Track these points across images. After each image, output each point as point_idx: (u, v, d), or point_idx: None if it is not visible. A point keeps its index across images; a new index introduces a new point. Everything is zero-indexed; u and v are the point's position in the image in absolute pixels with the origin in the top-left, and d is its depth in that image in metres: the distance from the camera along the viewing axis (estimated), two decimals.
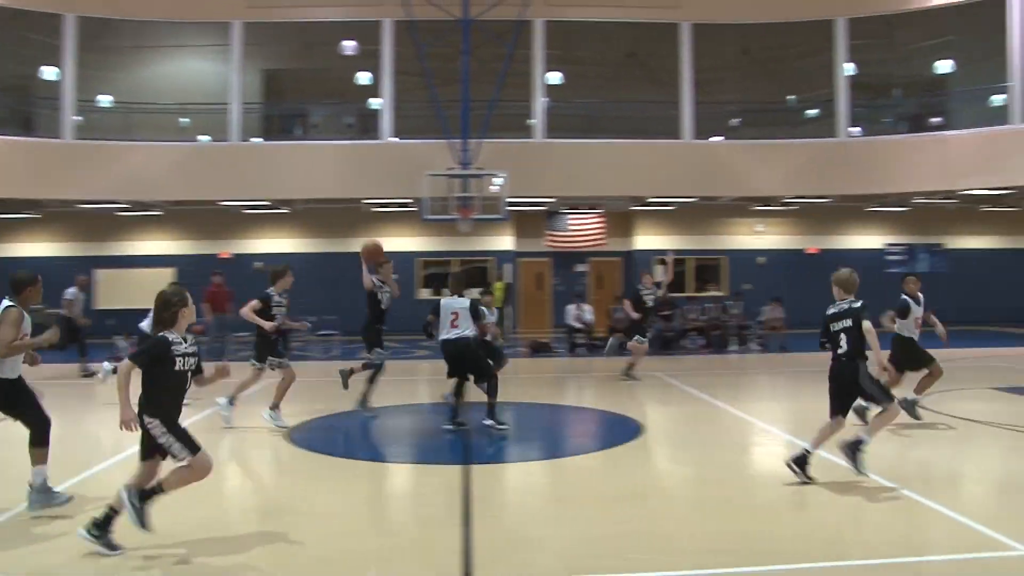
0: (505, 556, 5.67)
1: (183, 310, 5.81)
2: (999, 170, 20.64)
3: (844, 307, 7.53)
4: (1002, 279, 27.18)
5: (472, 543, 5.86)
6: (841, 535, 6.12)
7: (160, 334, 5.75)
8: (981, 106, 22.07)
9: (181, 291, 5.94)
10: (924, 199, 23.83)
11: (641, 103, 23.67)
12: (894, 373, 9.88)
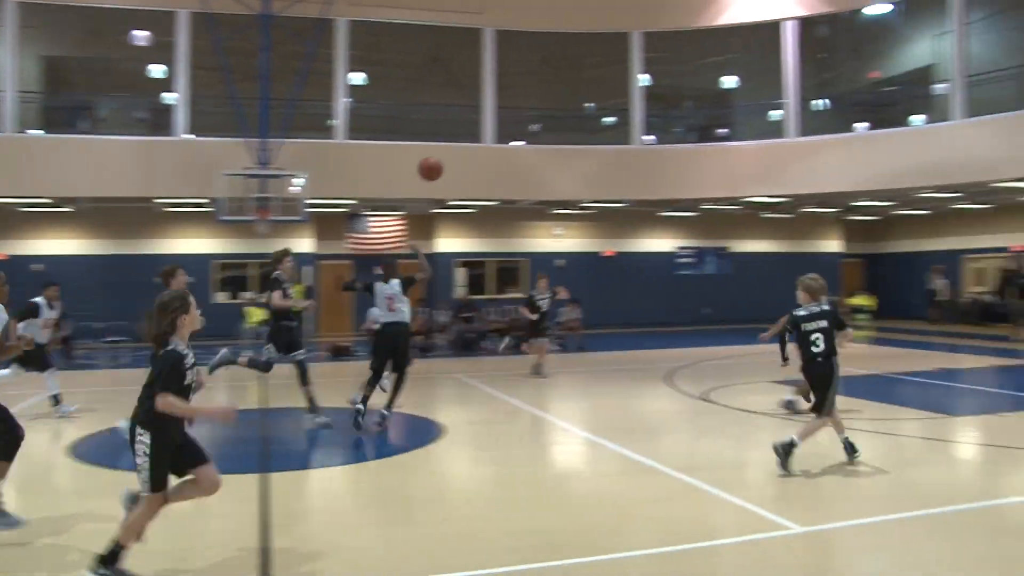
0: (305, 564, 5.52)
1: (183, 316, 5.12)
2: (777, 180, 22.22)
3: (816, 310, 7.97)
4: (780, 280, 29.23)
5: (271, 554, 5.67)
6: (636, 525, 6.36)
7: (170, 348, 5.06)
8: (761, 120, 23.67)
9: (182, 295, 5.24)
10: (712, 205, 25.29)
11: (444, 106, 23.81)
12: None
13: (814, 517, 6.26)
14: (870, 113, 23.62)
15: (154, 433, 4.99)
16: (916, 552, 5.68)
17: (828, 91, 24.54)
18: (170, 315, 5.08)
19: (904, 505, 6.71)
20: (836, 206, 27.33)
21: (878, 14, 22.29)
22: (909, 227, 31.08)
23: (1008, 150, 18.59)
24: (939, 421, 10.54)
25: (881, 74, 24.92)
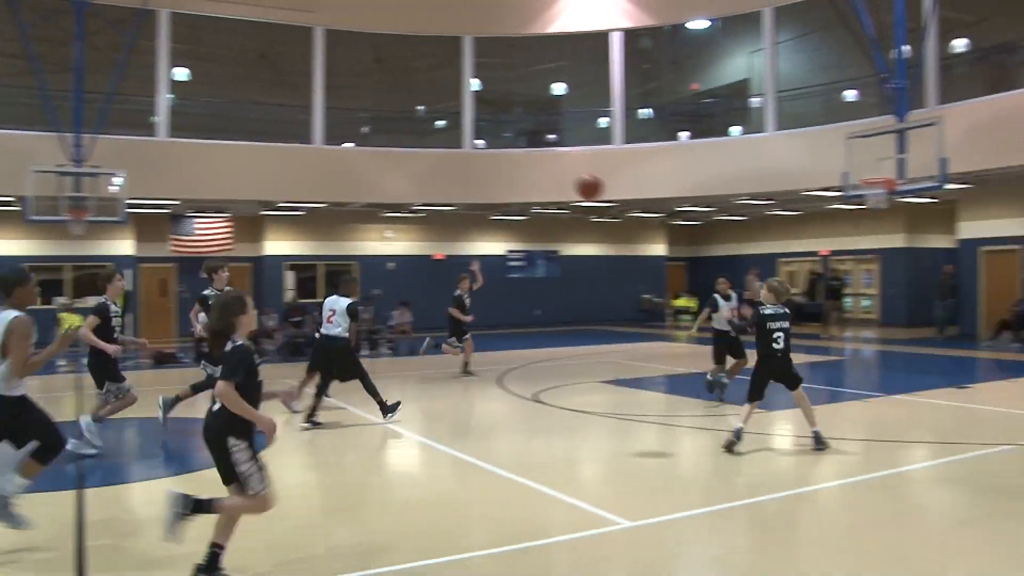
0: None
1: (242, 317, 5.09)
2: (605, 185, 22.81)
3: (780, 311, 8.73)
4: (607, 283, 30.19)
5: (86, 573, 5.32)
6: (469, 527, 6.35)
7: (239, 343, 5.07)
8: (590, 127, 24.29)
9: (241, 296, 5.23)
10: (541, 209, 25.73)
11: (272, 106, 23.19)
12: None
13: (642, 512, 6.44)
14: (691, 123, 24.68)
15: (249, 438, 5.05)
16: (737, 541, 5.94)
17: (652, 101, 25.46)
18: (231, 315, 5.08)
19: (726, 496, 7.00)
20: (661, 211, 28.41)
21: (698, 29, 23.33)
22: (728, 232, 32.67)
23: (815, 161, 19.80)
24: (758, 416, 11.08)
25: (701, 86, 26.09)
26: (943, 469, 8.06)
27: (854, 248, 27.95)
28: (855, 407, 11.78)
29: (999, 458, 8.37)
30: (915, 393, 12.29)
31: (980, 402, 11.67)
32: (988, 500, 6.92)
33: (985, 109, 17.89)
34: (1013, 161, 17.66)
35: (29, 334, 5.60)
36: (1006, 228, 21.79)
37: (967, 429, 9.83)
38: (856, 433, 9.86)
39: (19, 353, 5.53)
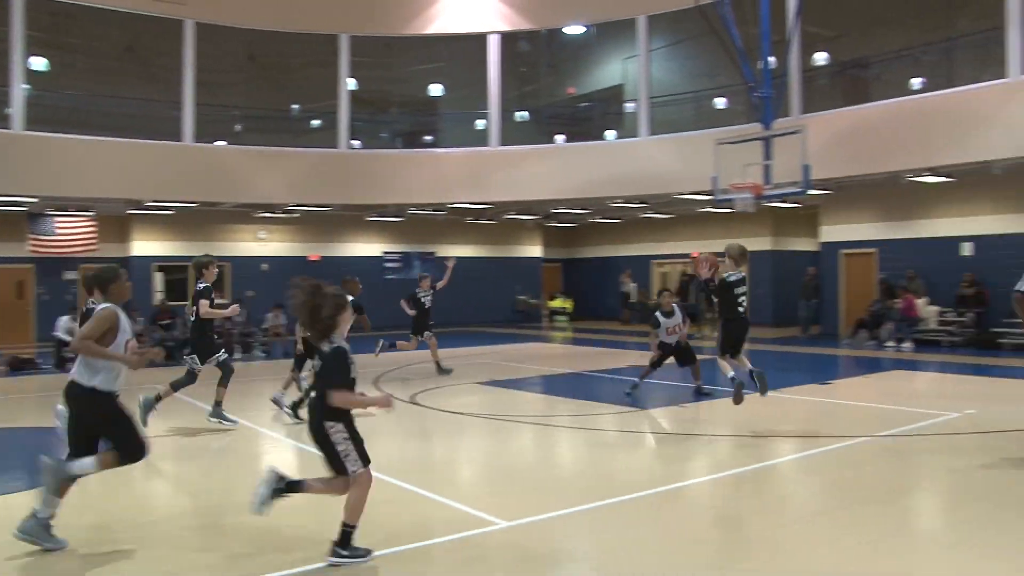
0: None
1: (343, 314, 5.38)
2: (481, 187, 22.94)
3: (743, 276, 9.54)
4: (483, 284, 30.30)
5: None
6: None
7: (336, 345, 5.36)
8: (467, 128, 24.34)
9: (341, 293, 5.43)
10: (418, 210, 25.62)
11: (139, 100, 22.35)
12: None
13: (519, 511, 6.48)
14: (567, 126, 25.06)
15: (344, 420, 5.39)
16: (613, 536, 6.05)
17: (529, 104, 25.71)
18: (336, 314, 5.32)
19: (602, 493, 7.13)
20: (537, 213, 28.69)
21: (575, 34, 23.70)
22: (603, 233, 33.28)
23: (686, 166, 20.40)
24: (632, 414, 11.33)
25: (577, 91, 26.51)
26: (806, 462, 8.41)
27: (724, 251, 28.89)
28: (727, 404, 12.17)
29: (855, 450, 8.80)
30: (782, 390, 12.79)
31: (840, 397, 12.25)
32: (845, 491, 7.27)
33: (844, 120, 18.80)
34: (869, 169, 18.62)
35: (106, 321, 5.79)
36: (864, 232, 22.95)
37: (829, 423, 10.30)
38: (728, 429, 10.19)
39: (88, 331, 5.75)
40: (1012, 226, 19.97)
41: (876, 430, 9.72)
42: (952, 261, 20.83)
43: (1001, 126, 16.43)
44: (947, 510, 6.84)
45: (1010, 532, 5.98)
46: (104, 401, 5.85)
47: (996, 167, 18.15)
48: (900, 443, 9.17)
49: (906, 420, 10.35)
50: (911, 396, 12.99)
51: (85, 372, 5.81)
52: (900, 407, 11.43)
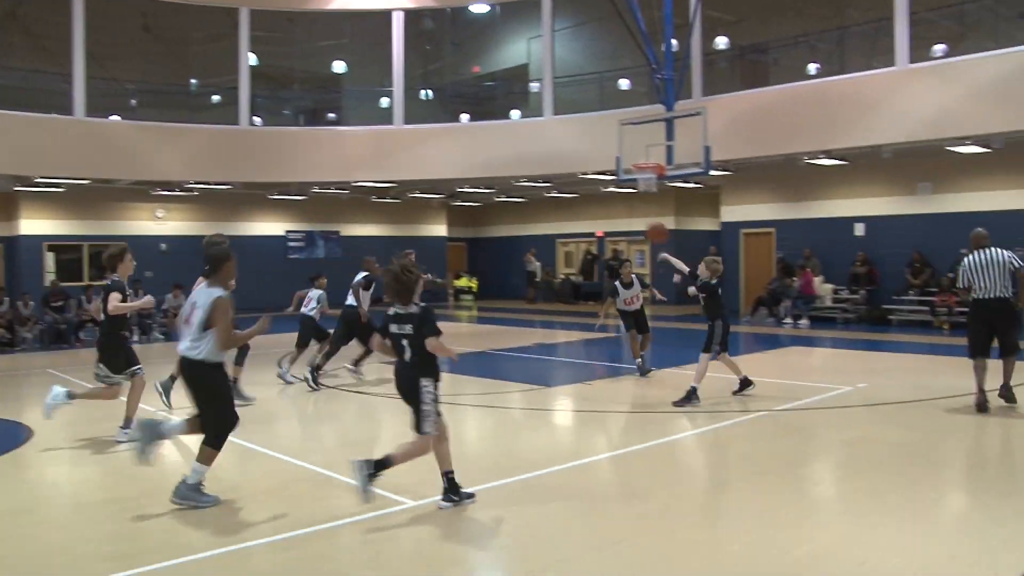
0: None
1: (421, 281, 6.17)
2: (385, 166, 22.73)
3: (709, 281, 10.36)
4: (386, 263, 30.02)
5: None
6: (253, 515, 6.17)
7: (423, 303, 6.18)
8: (371, 106, 24.05)
9: (414, 264, 6.18)
10: (322, 189, 25.25)
11: (25, 72, 21.37)
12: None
13: (427, 490, 6.49)
14: (472, 105, 24.99)
15: (436, 380, 6.20)
16: (519, 514, 6.11)
17: (434, 82, 25.55)
18: (416, 279, 6.13)
19: (508, 472, 7.19)
20: (442, 192, 28.60)
21: (480, 13, 23.60)
22: (508, 213, 33.40)
23: (590, 146, 20.59)
24: (538, 392, 11.43)
25: (482, 69, 26.45)
26: (708, 436, 8.64)
27: (628, 229, 29.31)
28: (632, 381, 12.39)
29: (755, 424, 9.08)
30: (685, 366, 13.08)
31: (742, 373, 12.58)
32: (745, 463, 7.50)
33: (743, 103, 19.24)
34: (767, 151, 19.12)
35: (229, 311, 6.23)
36: (762, 212, 23.60)
37: (729, 398, 10.59)
38: (632, 406, 10.38)
39: (223, 328, 6.19)
40: (900, 208, 20.86)
41: (775, 404, 10.04)
42: (846, 241, 21.62)
43: (890, 112, 17.08)
44: (841, 479, 7.12)
45: (898, 499, 6.26)
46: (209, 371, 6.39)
47: (886, 151, 18.87)
48: (797, 416, 9.49)
49: (803, 394, 10.72)
50: (808, 371, 13.45)
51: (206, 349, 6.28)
52: (797, 382, 11.83)
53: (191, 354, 6.29)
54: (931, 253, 19.91)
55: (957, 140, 17.10)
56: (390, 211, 30.85)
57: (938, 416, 9.37)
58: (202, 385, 6.35)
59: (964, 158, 19.04)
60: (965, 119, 16.30)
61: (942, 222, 19.89)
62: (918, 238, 20.07)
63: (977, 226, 10.18)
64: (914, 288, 19.84)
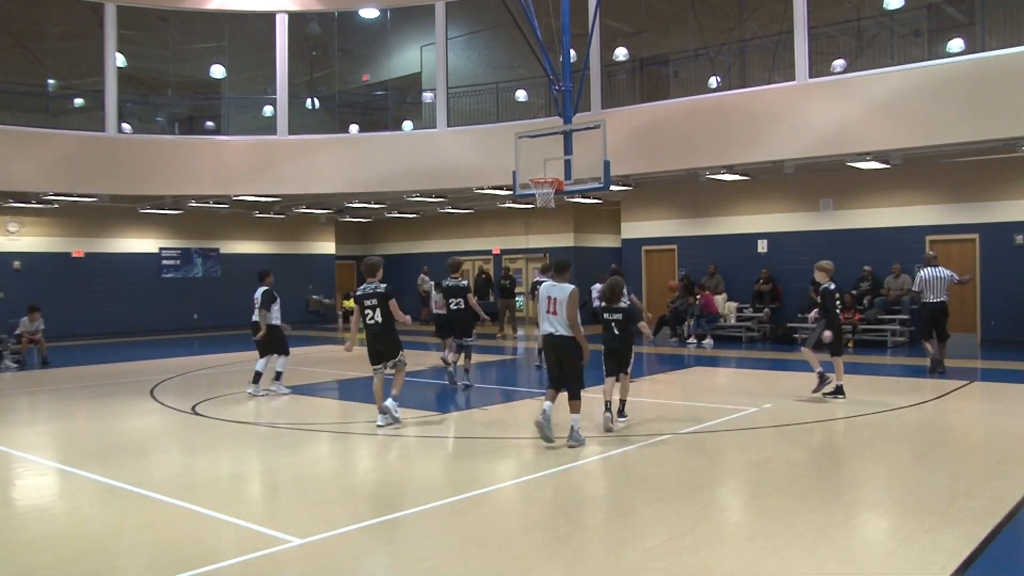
0: None
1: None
2: (268, 178, 22.35)
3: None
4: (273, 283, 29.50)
5: None
6: (121, 560, 5.93)
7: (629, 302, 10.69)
8: (253, 114, 23.65)
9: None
10: (199, 203, 24.64)
11: None
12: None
13: (314, 527, 6.36)
14: (362, 115, 24.85)
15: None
16: (413, 548, 6.04)
17: (321, 90, 25.30)
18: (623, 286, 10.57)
19: (402, 503, 7.10)
20: (329, 207, 28.29)
21: (369, 18, 23.51)
22: (401, 229, 33.27)
23: (485, 159, 20.69)
24: (432, 418, 11.34)
25: (372, 78, 26.32)
26: (610, 461, 8.71)
27: (526, 247, 29.53)
28: (529, 405, 12.42)
29: (659, 448, 9.20)
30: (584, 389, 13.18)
31: (643, 395, 12.75)
32: (649, 488, 7.58)
33: (643, 115, 19.65)
34: (668, 166, 19.56)
35: (578, 300, 9.34)
36: (664, 229, 24.10)
37: (631, 421, 10.70)
38: (531, 431, 10.40)
39: (573, 312, 9.24)
40: (803, 224, 21.62)
41: (679, 427, 10.21)
42: (749, 258, 22.27)
43: (790, 127, 17.72)
44: (747, 503, 7.26)
45: (804, 521, 6.42)
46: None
47: (787, 166, 19.53)
48: (702, 439, 9.66)
49: (708, 416, 10.93)
50: (712, 392, 13.72)
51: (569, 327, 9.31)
52: (702, 403, 12.06)
53: (564, 331, 9.29)
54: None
55: (857, 156, 17.83)
56: (274, 227, 30.35)
57: (845, 435, 9.67)
58: (568, 356, 9.30)
59: (864, 174, 19.90)
60: (864, 134, 17.03)
61: (844, 238, 20.72)
62: (820, 254, 20.62)
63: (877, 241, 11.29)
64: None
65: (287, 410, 12.41)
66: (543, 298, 9.41)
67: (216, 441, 10.12)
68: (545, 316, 9.42)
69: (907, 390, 13.17)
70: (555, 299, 9.31)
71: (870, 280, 20.17)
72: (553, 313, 9.33)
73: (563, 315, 9.24)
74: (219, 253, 29.28)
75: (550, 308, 9.34)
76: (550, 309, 9.33)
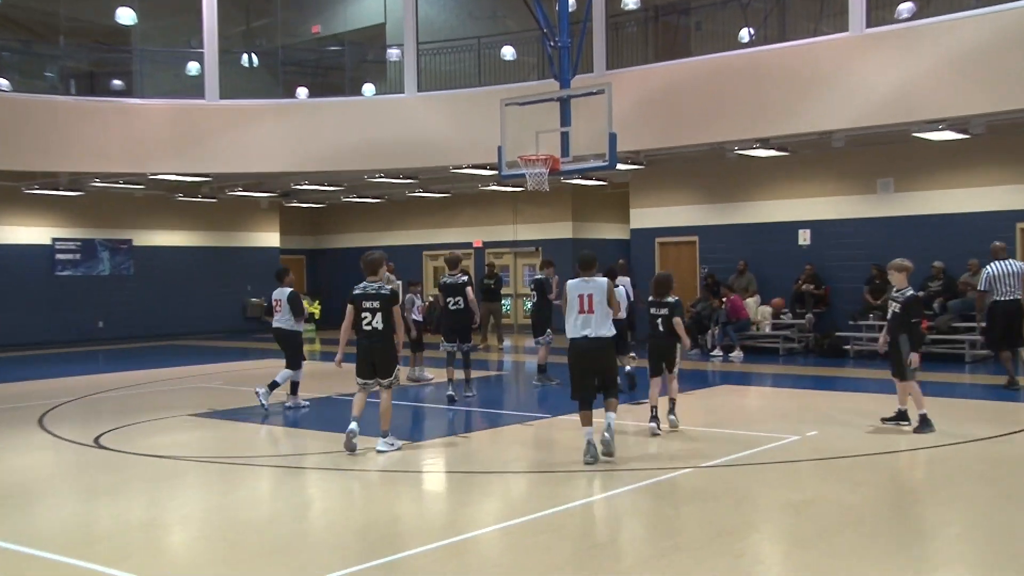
0: None
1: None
2: (195, 153, 22.20)
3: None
4: (201, 283, 29.43)
5: None
6: None
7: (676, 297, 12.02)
8: (174, 73, 23.50)
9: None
10: (105, 182, 24.46)
11: None
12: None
13: None
14: (312, 77, 24.77)
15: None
16: None
17: (260, 44, 25.22)
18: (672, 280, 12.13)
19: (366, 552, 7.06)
20: (272, 190, 28.19)
21: None
22: (361, 217, 33.21)
23: (464, 131, 20.67)
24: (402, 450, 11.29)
25: (323, 30, 26.26)
26: (617, 501, 8.67)
27: (514, 239, 29.48)
28: (519, 432, 12.38)
29: (677, 484, 9.18)
30: None
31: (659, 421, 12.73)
32: (664, 535, 7.55)
33: (658, 78, 19.62)
34: (688, 139, 19.54)
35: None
36: (682, 217, 24.08)
37: (643, 452, 10.68)
38: (521, 463, 10.37)
39: (613, 299, 10.28)
40: (855, 210, 21.50)
41: (701, 459, 10.18)
42: (788, 252, 22.24)
43: (842, 89, 17.66)
44: (785, 554, 7.23)
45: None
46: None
47: (837, 139, 19.51)
48: (730, 474, 9.64)
49: (737, 446, 10.91)
50: (742, 417, 13.69)
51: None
52: (729, 430, 12.04)
53: (604, 332, 10.04)
54: None
55: (926, 124, 17.75)
56: (202, 214, 30.20)
57: (910, 471, 9.65)
58: (609, 359, 10.33)
59: (935, 147, 19.79)
60: (936, 97, 16.91)
61: (907, 227, 20.53)
62: (878, 248, 20.59)
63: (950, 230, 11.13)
64: (874, 311, 20.32)
65: (220, 440, 12.33)
66: (572, 298, 10.07)
67: (125, 482, 10.03)
68: (577, 318, 10.05)
69: (990, 416, 13.18)
70: (590, 296, 9.99)
71: (942, 279, 19.89)
72: (589, 312, 10.00)
73: (603, 309, 10.04)
74: (131, 245, 29.08)
75: (584, 307, 10.00)
76: (584, 308, 9.99)
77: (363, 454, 10.82)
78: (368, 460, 10.66)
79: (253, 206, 31.36)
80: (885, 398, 14.80)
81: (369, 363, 10.97)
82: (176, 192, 27.38)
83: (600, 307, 10.05)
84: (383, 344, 10.92)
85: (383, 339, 10.89)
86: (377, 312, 10.82)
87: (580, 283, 10.14)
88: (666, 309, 11.68)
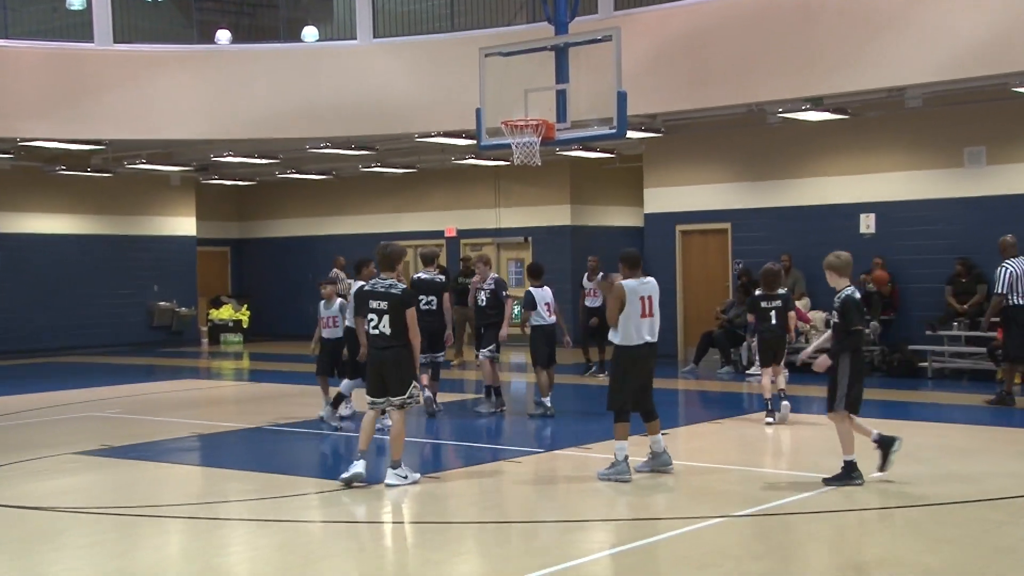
0: None
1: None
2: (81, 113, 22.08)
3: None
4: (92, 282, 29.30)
5: None
6: None
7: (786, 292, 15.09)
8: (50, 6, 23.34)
9: None
10: None
11: None
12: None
13: None
14: (236, 16, 24.72)
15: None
16: None
17: None
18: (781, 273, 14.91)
19: None
20: (185, 163, 28.09)
21: None
22: (299, 198, 33.17)
23: (432, 89, 20.65)
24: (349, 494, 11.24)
25: None
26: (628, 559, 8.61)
27: (496, 227, 29.42)
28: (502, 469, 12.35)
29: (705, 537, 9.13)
30: (585, 446, 13.16)
31: (681, 456, 12.68)
32: None
33: (678, 20, 19.61)
34: (715, 100, 19.55)
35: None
36: (709, 198, 24.01)
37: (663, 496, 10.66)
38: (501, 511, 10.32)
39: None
40: (934, 189, 21.28)
41: (736, 506, 10.14)
42: (846, 242, 22.11)
43: (917, 33, 17.63)
44: None
45: None
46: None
47: (911, 97, 19.47)
48: (774, 524, 9.62)
49: (781, 489, 10.91)
50: (786, 452, 13.73)
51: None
52: (770, 469, 12.08)
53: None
54: (986, 261, 19.98)
55: None
56: (93, 192, 30.07)
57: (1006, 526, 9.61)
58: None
59: None
60: None
61: (1004, 209, 20.25)
62: (965, 237, 20.46)
63: None
64: (960, 318, 20.22)
65: (116, 485, 12.26)
66: (633, 300, 11.24)
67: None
68: (640, 322, 11.34)
69: None
70: (649, 298, 11.37)
71: None
72: (651, 315, 11.40)
73: (658, 315, 11.51)
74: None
75: (646, 310, 11.32)
76: (646, 311, 11.31)
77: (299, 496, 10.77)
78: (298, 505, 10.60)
79: (161, 183, 31.21)
80: (976, 430, 14.84)
81: (379, 377, 11.29)
82: (56, 164, 27.22)
83: (658, 311, 11.49)
84: (393, 354, 11.20)
85: (392, 346, 11.18)
86: (384, 314, 11.17)
87: (637, 284, 11.35)
88: (779, 301, 15.25)
